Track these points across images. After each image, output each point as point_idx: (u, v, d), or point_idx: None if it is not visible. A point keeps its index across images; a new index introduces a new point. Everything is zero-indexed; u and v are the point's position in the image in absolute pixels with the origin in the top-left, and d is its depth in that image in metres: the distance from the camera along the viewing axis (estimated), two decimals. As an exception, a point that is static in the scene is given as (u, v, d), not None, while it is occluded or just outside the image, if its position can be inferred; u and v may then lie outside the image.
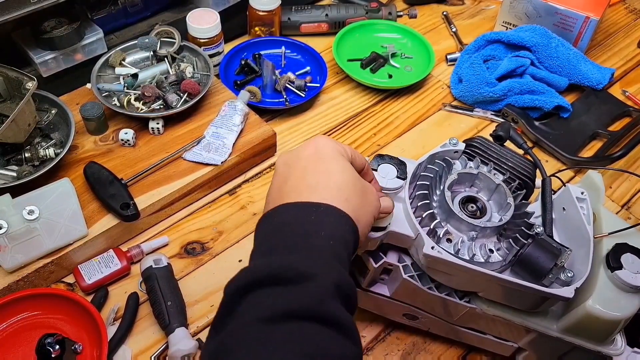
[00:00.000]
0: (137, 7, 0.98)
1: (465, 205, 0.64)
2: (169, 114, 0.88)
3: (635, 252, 0.61)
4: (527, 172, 0.67)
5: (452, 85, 1.07)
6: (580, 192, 0.65)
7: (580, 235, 0.62)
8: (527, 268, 0.59)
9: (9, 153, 0.81)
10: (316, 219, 0.47)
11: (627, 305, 0.60)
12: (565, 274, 0.58)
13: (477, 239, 0.62)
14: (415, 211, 0.62)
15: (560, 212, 0.66)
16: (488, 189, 0.65)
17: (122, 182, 0.80)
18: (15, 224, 0.69)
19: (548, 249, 0.59)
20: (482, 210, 0.63)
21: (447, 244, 0.61)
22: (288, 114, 1.01)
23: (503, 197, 0.63)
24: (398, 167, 0.61)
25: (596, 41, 1.20)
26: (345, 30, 1.11)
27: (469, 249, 0.60)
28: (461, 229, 0.62)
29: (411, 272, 0.64)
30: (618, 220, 0.67)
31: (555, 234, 0.65)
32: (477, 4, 1.28)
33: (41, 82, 0.85)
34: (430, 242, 0.58)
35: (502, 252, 0.61)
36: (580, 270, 0.60)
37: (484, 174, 0.64)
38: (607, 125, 1.02)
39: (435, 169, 0.65)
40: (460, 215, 0.61)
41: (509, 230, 0.62)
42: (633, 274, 0.59)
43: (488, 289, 0.62)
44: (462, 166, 0.66)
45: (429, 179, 0.64)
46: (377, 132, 1.00)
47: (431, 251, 0.57)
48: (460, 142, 0.67)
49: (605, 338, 0.63)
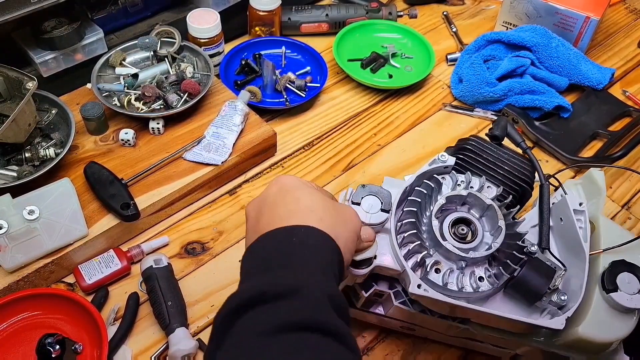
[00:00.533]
0: (138, 7, 0.98)
1: (456, 227, 0.61)
2: (169, 114, 0.88)
3: (632, 270, 0.59)
4: (525, 175, 0.65)
5: (452, 85, 1.07)
6: (579, 204, 0.63)
7: (576, 249, 0.61)
8: (521, 291, 0.58)
9: (9, 153, 0.81)
10: (297, 239, 0.47)
11: (621, 327, 0.58)
12: (559, 296, 0.57)
13: (466, 267, 0.60)
14: (403, 240, 0.60)
15: (557, 221, 0.65)
16: (480, 207, 0.63)
17: (123, 182, 0.80)
18: (15, 224, 0.69)
19: (542, 271, 0.57)
20: (474, 233, 0.61)
21: (436, 275, 0.59)
22: (288, 114, 1.01)
23: (495, 217, 0.61)
24: (382, 198, 0.59)
25: (596, 41, 1.20)
26: (345, 30, 1.11)
27: (458, 279, 0.59)
28: (450, 257, 0.60)
29: (402, 298, 0.63)
30: (617, 229, 0.64)
31: (552, 242, 0.63)
32: (478, 4, 1.28)
33: (41, 82, 0.84)
34: (416, 280, 0.57)
35: (492, 279, 0.60)
36: (575, 290, 0.58)
37: (474, 194, 0.62)
38: (607, 125, 1.02)
39: (424, 192, 0.63)
40: (448, 247, 0.59)
41: (500, 253, 0.60)
42: (629, 296, 0.58)
43: (478, 317, 0.61)
44: (452, 182, 0.64)
45: (417, 204, 0.62)
46: (377, 132, 1.00)
47: (417, 290, 0.56)
48: (457, 143, 0.66)
49: (600, 353, 0.61)
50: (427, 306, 0.62)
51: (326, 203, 0.51)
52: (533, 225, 0.64)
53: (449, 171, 0.65)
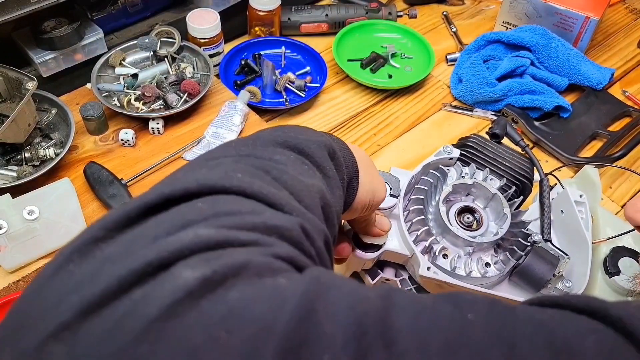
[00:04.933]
0: (137, 7, 0.98)
1: (461, 216, 0.62)
2: (169, 114, 0.88)
3: (632, 254, 0.61)
4: (525, 171, 0.67)
5: (452, 85, 1.07)
6: (579, 195, 0.64)
7: (579, 239, 0.62)
8: (526, 279, 0.58)
9: (9, 153, 0.81)
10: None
11: None
12: (564, 283, 0.57)
13: (473, 253, 0.61)
14: (411, 227, 0.61)
15: (558, 213, 0.66)
16: (484, 197, 0.64)
17: (122, 182, 0.80)
18: (15, 224, 0.69)
19: (546, 259, 0.58)
20: (479, 222, 0.62)
21: (444, 260, 0.60)
22: (288, 114, 1.01)
23: (499, 207, 0.62)
24: (391, 184, 0.60)
25: (596, 41, 1.20)
26: (345, 30, 1.11)
27: (466, 264, 0.60)
28: (457, 244, 0.61)
29: (409, 286, 0.64)
30: (615, 219, 0.66)
31: (553, 235, 0.64)
32: (477, 4, 1.28)
33: (41, 82, 0.84)
34: (426, 263, 0.57)
35: (499, 265, 0.60)
36: (579, 276, 0.59)
37: (480, 183, 0.63)
38: (607, 126, 1.02)
39: (430, 181, 0.63)
40: (457, 231, 0.60)
41: (506, 241, 0.61)
42: (630, 278, 0.59)
43: None
44: (457, 173, 0.65)
45: (424, 192, 0.63)
46: (377, 132, 1.00)
47: (427, 272, 0.57)
48: (458, 141, 0.67)
49: None
50: (433, 293, 0.62)
51: (371, 163, 0.50)
52: (534, 219, 0.65)
53: (453, 163, 0.66)
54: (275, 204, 0.33)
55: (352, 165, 0.47)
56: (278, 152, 0.39)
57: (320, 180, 0.40)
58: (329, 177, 0.41)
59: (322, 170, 0.41)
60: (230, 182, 0.32)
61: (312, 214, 0.36)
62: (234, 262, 0.27)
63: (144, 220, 0.29)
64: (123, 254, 0.27)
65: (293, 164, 0.39)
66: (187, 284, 0.25)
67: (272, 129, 0.43)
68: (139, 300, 0.24)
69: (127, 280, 0.25)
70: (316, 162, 0.41)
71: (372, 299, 0.28)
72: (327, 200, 0.39)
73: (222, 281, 0.25)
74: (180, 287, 0.24)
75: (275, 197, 0.33)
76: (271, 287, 0.26)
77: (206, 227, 0.28)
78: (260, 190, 0.33)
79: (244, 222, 0.30)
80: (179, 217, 0.29)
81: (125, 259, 0.26)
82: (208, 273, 0.25)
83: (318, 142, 0.42)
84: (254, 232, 0.30)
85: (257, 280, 0.26)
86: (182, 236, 0.27)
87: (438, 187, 0.64)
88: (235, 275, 0.26)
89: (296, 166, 0.39)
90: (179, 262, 0.26)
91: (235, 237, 0.28)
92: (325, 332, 0.25)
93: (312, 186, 0.38)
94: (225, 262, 0.26)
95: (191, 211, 0.30)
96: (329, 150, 0.43)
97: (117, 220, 0.29)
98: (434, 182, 0.64)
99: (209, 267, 0.26)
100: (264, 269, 0.27)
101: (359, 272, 0.65)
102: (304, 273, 0.29)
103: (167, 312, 0.24)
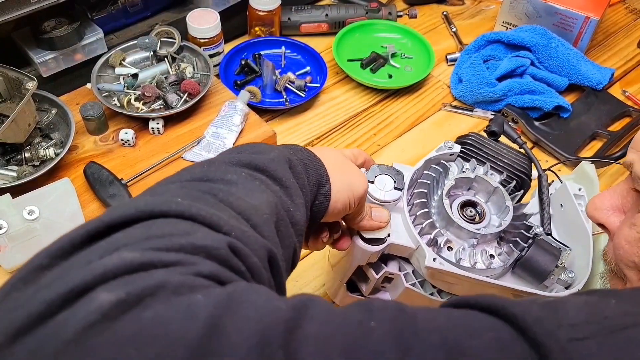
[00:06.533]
0: (137, 7, 0.98)
1: (464, 209, 0.63)
2: (169, 114, 0.88)
3: None
4: (523, 167, 0.67)
5: (452, 85, 1.07)
6: (578, 189, 0.65)
7: (579, 231, 0.62)
8: (529, 270, 0.59)
9: (9, 153, 0.81)
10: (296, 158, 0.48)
11: None
12: (567, 274, 0.58)
13: (477, 245, 0.62)
14: (415, 220, 0.61)
15: (558, 208, 0.66)
16: (486, 192, 0.65)
17: (122, 182, 0.80)
18: (15, 224, 0.69)
19: (548, 250, 0.59)
20: (481, 215, 0.63)
21: (448, 253, 0.60)
22: (288, 114, 1.01)
23: (501, 200, 0.63)
24: (395, 177, 0.60)
25: (596, 41, 1.20)
26: (345, 30, 1.11)
27: (470, 256, 0.60)
28: (461, 236, 0.62)
29: (413, 280, 0.64)
30: None
31: (553, 229, 0.65)
32: (477, 4, 1.28)
33: (41, 82, 0.85)
34: (431, 254, 0.57)
35: (503, 256, 0.61)
36: (581, 268, 0.60)
37: (481, 177, 0.64)
38: (607, 126, 1.02)
39: (432, 175, 0.64)
40: (460, 223, 0.60)
41: (508, 234, 0.62)
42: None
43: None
44: (458, 169, 0.66)
45: (426, 185, 0.63)
46: (377, 132, 1.00)
47: (433, 263, 0.57)
48: (457, 140, 0.67)
49: None
50: (438, 286, 0.63)
51: (343, 161, 0.52)
52: (534, 213, 0.66)
53: (454, 159, 0.67)
54: (212, 224, 0.34)
55: (317, 170, 0.48)
56: (230, 172, 0.41)
57: (276, 193, 0.42)
58: (287, 187, 0.44)
59: (279, 181, 0.43)
60: (169, 207, 0.34)
61: (256, 232, 0.38)
62: (151, 282, 0.28)
63: (87, 247, 0.31)
64: (57, 280, 0.28)
65: (244, 182, 0.41)
66: (101, 307, 0.26)
67: (229, 150, 0.46)
68: (61, 323, 0.26)
69: (56, 304, 0.27)
70: (271, 175, 0.43)
71: (284, 310, 0.30)
72: (283, 212, 0.42)
73: (137, 302, 0.27)
74: (95, 310, 0.26)
75: (214, 218, 0.35)
76: (186, 304, 0.28)
77: (132, 250, 0.30)
78: (198, 212, 0.34)
79: (171, 244, 0.31)
80: (113, 242, 0.31)
81: (58, 284, 0.28)
82: (122, 295, 0.27)
83: (272, 155, 0.45)
84: (180, 252, 0.31)
85: (174, 298, 0.28)
86: (107, 261, 0.29)
87: (440, 182, 0.65)
88: (152, 294, 0.28)
89: (247, 184, 0.41)
90: (99, 286, 0.28)
91: (158, 258, 0.30)
92: (230, 343, 0.27)
93: (261, 204, 0.40)
94: (142, 284, 0.28)
95: (125, 236, 0.32)
96: (285, 161, 0.45)
97: (62, 247, 0.31)
98: (436, 176, 0.64)
99: (124, 290, 0.27)
100: (182, 287, 0.29)
101: (362, 266, 0.65)
102: (222, 288, 0.31)
103: (81, 334, 0.25)
